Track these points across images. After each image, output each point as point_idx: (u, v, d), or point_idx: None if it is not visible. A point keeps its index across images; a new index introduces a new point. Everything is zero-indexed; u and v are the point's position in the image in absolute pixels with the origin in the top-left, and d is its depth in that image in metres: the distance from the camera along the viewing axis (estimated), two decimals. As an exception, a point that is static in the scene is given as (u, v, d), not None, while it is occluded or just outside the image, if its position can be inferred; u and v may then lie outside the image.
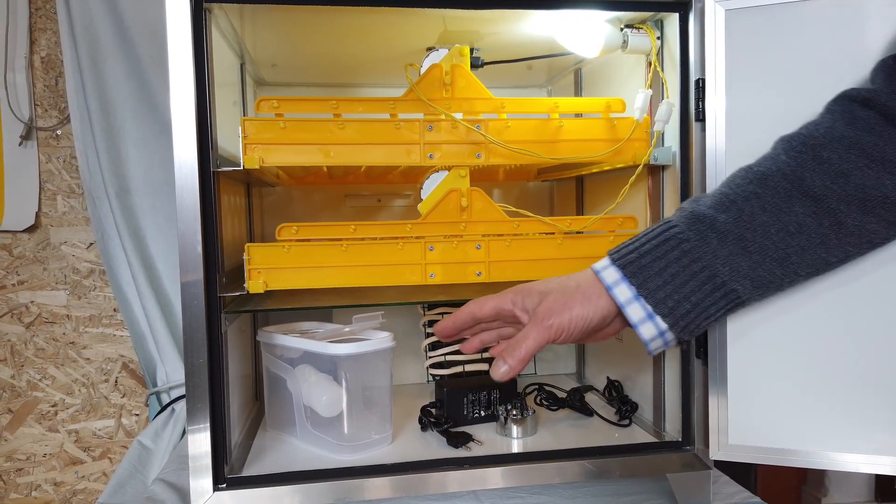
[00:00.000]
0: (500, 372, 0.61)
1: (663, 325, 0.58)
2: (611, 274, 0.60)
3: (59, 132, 1.30)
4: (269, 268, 0.76)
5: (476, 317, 0.66)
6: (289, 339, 0.85)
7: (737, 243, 0.56)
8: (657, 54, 0.81)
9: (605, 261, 0.61)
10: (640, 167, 0.81)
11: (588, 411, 0.94)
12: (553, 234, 0.83)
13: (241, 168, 0.73)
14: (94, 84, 1.19)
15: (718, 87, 0.70)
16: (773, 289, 0.59)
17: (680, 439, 0.80)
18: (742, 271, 0.57)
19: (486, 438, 0.85)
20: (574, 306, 0.60)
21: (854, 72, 0.66)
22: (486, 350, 1.08)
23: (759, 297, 0.59)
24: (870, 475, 1.63)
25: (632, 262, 0.59)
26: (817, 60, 0.67)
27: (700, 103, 0.73)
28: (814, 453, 0.68)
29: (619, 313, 0.59)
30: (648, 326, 0.58)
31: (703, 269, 0.57)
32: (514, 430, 0.86)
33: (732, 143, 0.70)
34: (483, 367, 1.09)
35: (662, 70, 0.81)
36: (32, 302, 1.30)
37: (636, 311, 0.58)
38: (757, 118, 0.69)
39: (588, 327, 0.60)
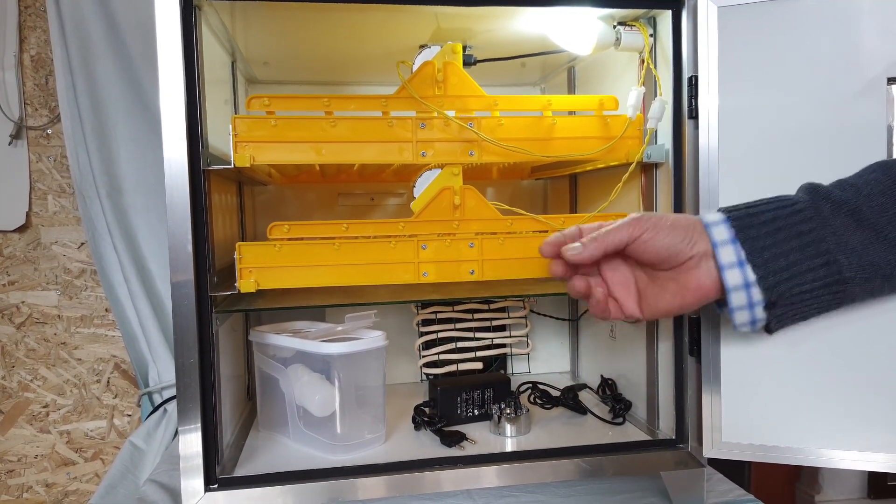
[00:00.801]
0: (569, 250, 0.61)
1: (751, 276, 0.55)
2: (713, 216, 0.58)
3: (49, 131, 1.29)
4: (260, 267, 0.75)
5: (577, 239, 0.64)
6: (281, 339, 0.85)
7: (850, 216, 0.54)
8: (650, 52, 0.81)
9: (719, 215, 0.59)
10: (634, 165, 0.81)
11: (582, 410, 0.94)
12: (546, 232, 0.83)
13: (232, 166, 0.72)
14: (85, 83, 1.19)
15: (711, 84, 0.70)
16: (880, 275, 0.55)
17: (673, 437, 0.80)
18: (851, 245, 0.54)
19: (480, 437, 0.85)
20: (668, 231, 0.58)
21: (847, 69, 0.66)
22: (479, 349, 1.09)
23: (863, 280, 0.55)
24: (863, 472, 1.64)
25: (738, 210, 0.57)
26: (810, 58, 0.67)
27: (693, 101, 0.73)
28: (807, 451, 0.68)
29: (709, 255, 0.57)
30: (735, 273, 0.55)
31: (810, 232, 0.54)
32: (508, 428, 0.86)
33: (725, 140, 0.70)
34: (477, 365, 1.09)
35: (655, 67, 0.80)
36: (23, 302, 1.29)
37: (728, 253, 0.56)
38: (750, 115, 0.69)
39: (673, 255, 0.57)
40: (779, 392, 0.69)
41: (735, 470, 1.51)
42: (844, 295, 0.56)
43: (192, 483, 0.70)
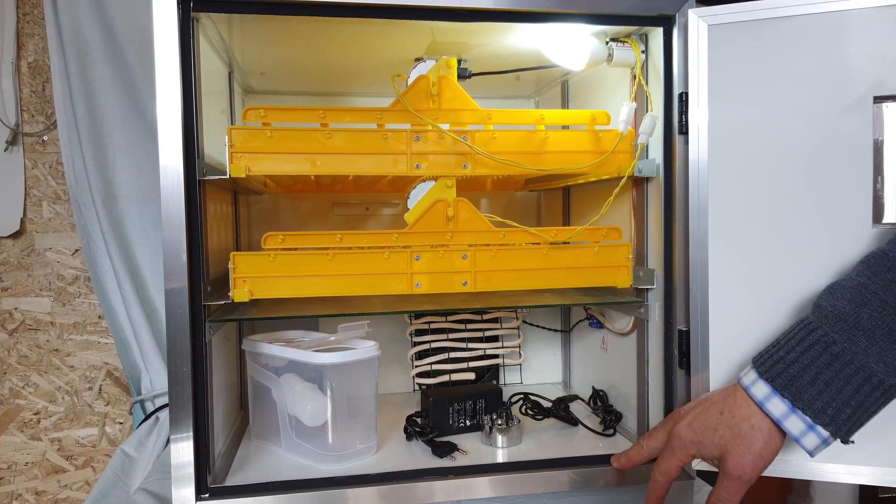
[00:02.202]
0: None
1: (825, 434, 0.57)
2: (761, 389, 0.59)
3: (45, 138, 1.29)
4: (254, 276, 0.76)
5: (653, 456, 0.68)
6: (274, 348, 0.85)
7: (886, 337, 0.54)
8: (642, 68, 0.82)
9: (752, 374, 0.61)
10: (625, 179, 0.82)
11: (573, 421, 0.94)
12: (539, 244, 0.83)
13: (228, 177, 0.73)
14: (82, 90, 1.19)
15: (701, 100, 0.71)
16: None
17: (663, 449, 0.80)
18: (894, 363, 0.55)
19: (472, 448, 0.85)
20: (757, 444, 0.59)
21: (835, 87, 0.67)
22: (471, 360, 1.09)
23: None
24: (854, 485, 1.65)
25: (780, 373, 0.58)
26: (798, 75, 0.68)
27: (683, 116, 0.74)
28: (794, 463, 0.69)
29: (774, 427, 0.59)
30: (811, 437, 0.57)
31: (858, 372, 0.55)
32: (500, 439, 0.87)
33: (715, 155, 0.71)
34: (469, 376, 1.09)
35: (647, 83, 0.82)
36: (16, 308, 1.29)
37: (795, 423, 0.57)
38: (739, 131, 0.70)
39: (774, 457, 0.60)
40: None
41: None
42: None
43: (184, 492, 0.70)
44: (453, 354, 1.09)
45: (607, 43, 0.83)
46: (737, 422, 0.60)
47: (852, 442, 0.58)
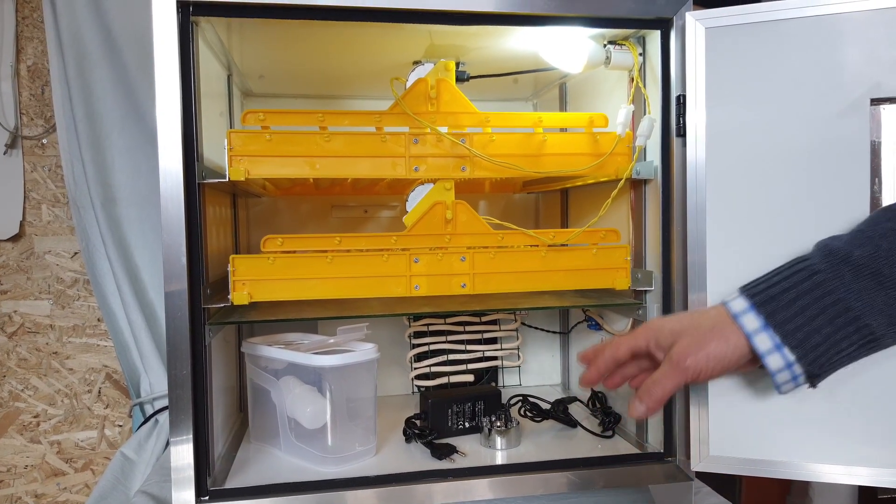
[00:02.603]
0: (637, 411, 0.61)
1: (791, 357, 0.57)
2: (739, 304, 0.59)
3: (44, 141, 1.30)
4: (253, 279, 0.76)
5: (616, 358, 0.65)
6: (273, 351, 0.85)
7: (872, 278, 0.55)
8: (639, 70, 0.82)
9: (735, 293, 0.61)
10: (623, 181, 0.82)
11: (572, 423, 0.94)
12: (537, 246, 0.84)
13: (227, 180, 0.73)
14: (81, 93, 1.19)
15: (699, 103, 0.72)
16: None
17: (662, 451, 0.81)
18: (877, 306, 0.55)
19: (471, 450, 0.86)
20: (709, 344, 0.59)
21: (832, 89, 0.67)
22: (470, 362, 1.09)
23: (893, 334, 0.56)
24: (853, 486, 1.65)
25: (761, 291, 0.59)
26: (795, 78, 0.69)
27: (681, 119, 0.75)
28: (793, 464, 0.69)
29: (744, 342, 0.58)
30: (776, 357, 0.57)
31: (836, 303, 0.55)
32: (499, 441, 0.87)
33: (712, 157, 0.71)
34: (468, 378, 1.10)
35: (644, 86, 0.82)
36: (15, 311, 1.29)
37: (763, 340, 0.57)
38: (737, 133, 0.71)
39: (725, 366, 0.59)
40: (765, 406, 0.69)
41: (726, 482, 1.52)
42: (878, 346, 0.57)
43: (184, 495, 0.70)
44: (452, 356, 1.09)
45: (605, 46, 0.83)
46: (702, 319, 0.60)
47: (814, 386, 0.58)
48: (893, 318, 0.55)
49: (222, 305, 0.75)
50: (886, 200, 0.67)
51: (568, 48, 0.83)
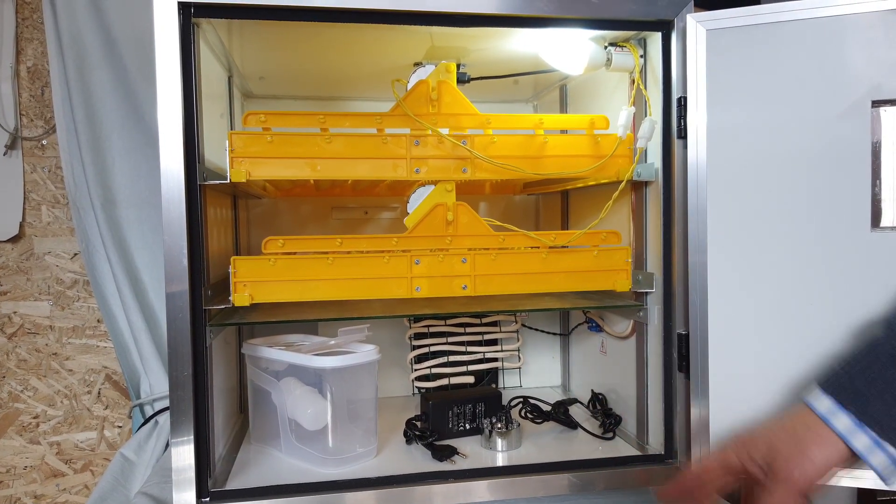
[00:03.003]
0: None
1: (893, 451, 0.54)
2: (823, 403, 0.56)
3: (44, 142, 1.29)
4: (254, 281, 0.76)
5: (703, 481, 0.61)
6: (274, 352, 0.85)
7: None
8: (640, 72, 0.82)
9: (816, 390, 0.58)
10: (624, 183, 0.82)
11: (572, 424, 0.94)
12: (538, 248, 0.84)
13: (228, 181, 0.73)
14: (81, 94, 1.19)
15: (700, 105, 0.72)
16: None
17: (662, 452, 0.81)
18: None
19: (471, 451, 0.86)
20: (810, 451, 0.55)
21: (833, 91, 0.68)
22: (471, 363, 1.09)
23: None
24: (852, 488, 1.65)
25: (844, 387, 0.56)
26: (796, 80, 0.69)
27: (682, 121, 0.75)
28: (793, 466, 0.69)
29: (838, 443, 0.55)
30: (878, 455, 0.54)
31: None
32: (499, 443, 0.87)
33: (713, 159, 0.72)
34: (469, 379, 1.10)
35: (645, 87, 0.82)
36: (15, 312, 1.29)
37: (861, 440, 0.54)
38: (737, 135, 0.71)
39: (831, 468, 0.56)
40: (766, 408, 0.69)
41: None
42: None
43: (184, 496, 0.70)
44: (453, 358, 1.09)
45: (606, 47, 0.83)
46: (791, 424, 0.57)
47: None
48: None
49: (223, 307, 0.75)
50: (887, 202, 0.67)
51: (569, 50, 0.83)
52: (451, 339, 1.09)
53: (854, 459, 0.56)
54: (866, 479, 0.66)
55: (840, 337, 0.66)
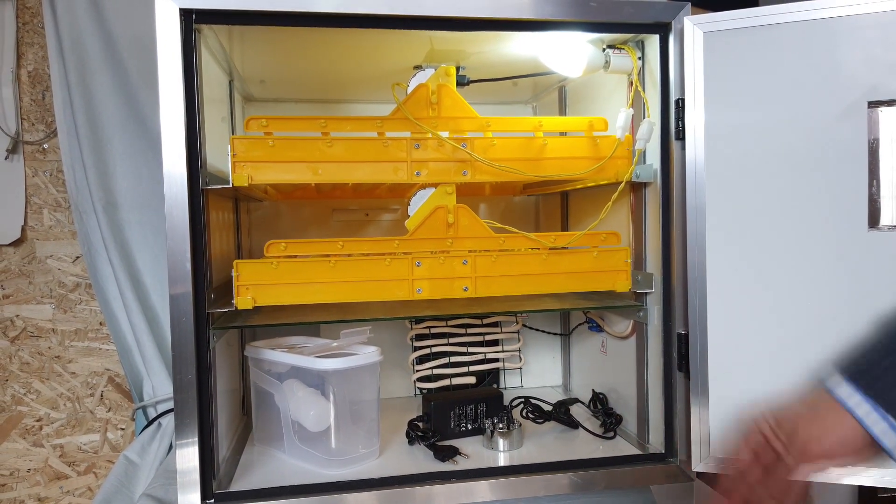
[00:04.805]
0: None
1: None
2: (843, 388, 0.57)
3: (45, 146, 1.30)
4: (257, 284, 0.77)
5: (748, 483, 0.62)
6: (276, 354, 0.86)
7: None
8: (638, 74, 0.83)
9: (836, 376, 0.58)
10: (623, 184, 0.82)
11: (573, 424, 0.95)
12: (538, 249, 0.84)
13: (231, 186, 0.74)
14: (82, 98, 1.20)
15: (697, 106, 0.72)
16: None
17: (663, 451, 0.81)
18: None
19: (473, 452, 0.86)
20: (831, 431, 0.56)
21: (830, 92, 0.68)
22: (472, 364, 1.10)
23: None
24: (853, 485, 1.65)
25: (863, 373, 0.57)
26: (793, 81, 0.69)
27: (680, 122, 0.75)
28: (792, 464, 0.69)
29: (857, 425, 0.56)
30: (894, 439, 0.55)
31: None
32: (501, 443, 0.87)
33: (711, 160, 0.72)
34: (470, 380, 1.10)
35: (644, 89, 0.82)
36: (17, 316, 1.30)
37: (877, 423, 0.55)
38: (735, 136, 0.71)
39: (848, 457, 0.57)
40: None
41: (725, 482, 1.52)
42: None
43: (189, 497, 0.71)
44: (454, 359, 1.10)
45: (604, 50, 0.83)
46: (815, 406, 0.58)
47: None
48: None
49: (226, 310, 0.76)
50: (885, 201, 0.68)
51: (567, 53, 0.84)
52: (452, 340, 1.10)
53: (873, 446, 0.57)
54: (862, 477, 0.67)
55: (838, 335, 0.67)
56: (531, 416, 0.97)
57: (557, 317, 1.20)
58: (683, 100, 0.73)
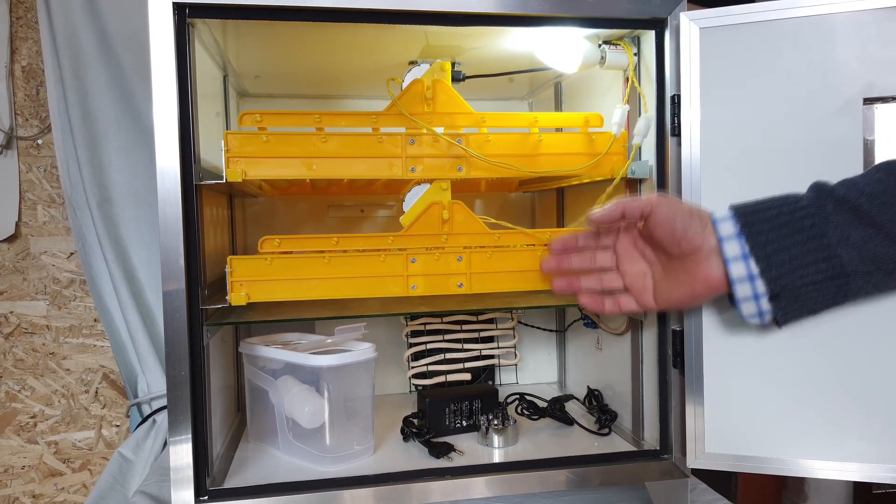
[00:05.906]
0: (593, 213, 0.67)
1: (755, 269, 0.58)
2: (721, 213, 0.62)
3: (39, 142, 1.29)
4: (251, 280, 0.76)
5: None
6: (271, 351, 0.86)
7: (852, 212, 0.57)
8: (634, 70, 0.83)
9: (727, 212, 0.63)
10: (618, 180, 0.82)
11: (569, 420, 0.95)
12: (534, 245, 0.84)
13: (224, 181, 0.73)
14: (76, 93, 1.19)
15: (693, 102, 0.72)
16: (882, 270, 0.57)
17: (658, 448, 0.81)
18: (851, 241, 0.57)
19: (468, 448, 0.86)
20: (685, 205, 0.64)
21: (825, 89, 0.68)
22: (467, 360, 1.10)
23: (865, 274, 0.58)
24: (848, 481, 1.66)
25: (746, 207, 0.61)
26: (789, 78, 0.69)
27: (675, 118, 0.75)
28: (787, 461, 0.70)
29: (717, 250, 0.61)
30: (740, 266, 0.59)
31: (812, 227, 0.57)
32: (496, 439, 0.87)
33: (707, 156, 0.72)
34: (465, 376, 1.10)
35: (640, 85, 0.82)
36: (12, 312, 1.29)
37: (732, 247, 0.60)
38: (731, 133, 0.71)
39: (688, 223, 0.62)
40: (760, 403, 0.70)
41: (723, 478, 1.53)
42: (849, 289, 0.59)
43: (183, 495, 0.71)
44: (449, 355, 1.10)
45: (600, 46, 0.83)
46: (704, 228, 0.63)
47: (780, 326, 0.61)
48: (865, 256, 0.57)
49: (220, 306, 0.75)
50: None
51: (563, 48, 0.83)
52: (447, 337, 1.10)
53: (725, 288, 0.62)
54: (856, 472, 0.67)
55: (835, 331, 0.67)
56: (526, 412, 0.97)
57: (553, 313, 1.20)
58: (679, 96, 0.73)
